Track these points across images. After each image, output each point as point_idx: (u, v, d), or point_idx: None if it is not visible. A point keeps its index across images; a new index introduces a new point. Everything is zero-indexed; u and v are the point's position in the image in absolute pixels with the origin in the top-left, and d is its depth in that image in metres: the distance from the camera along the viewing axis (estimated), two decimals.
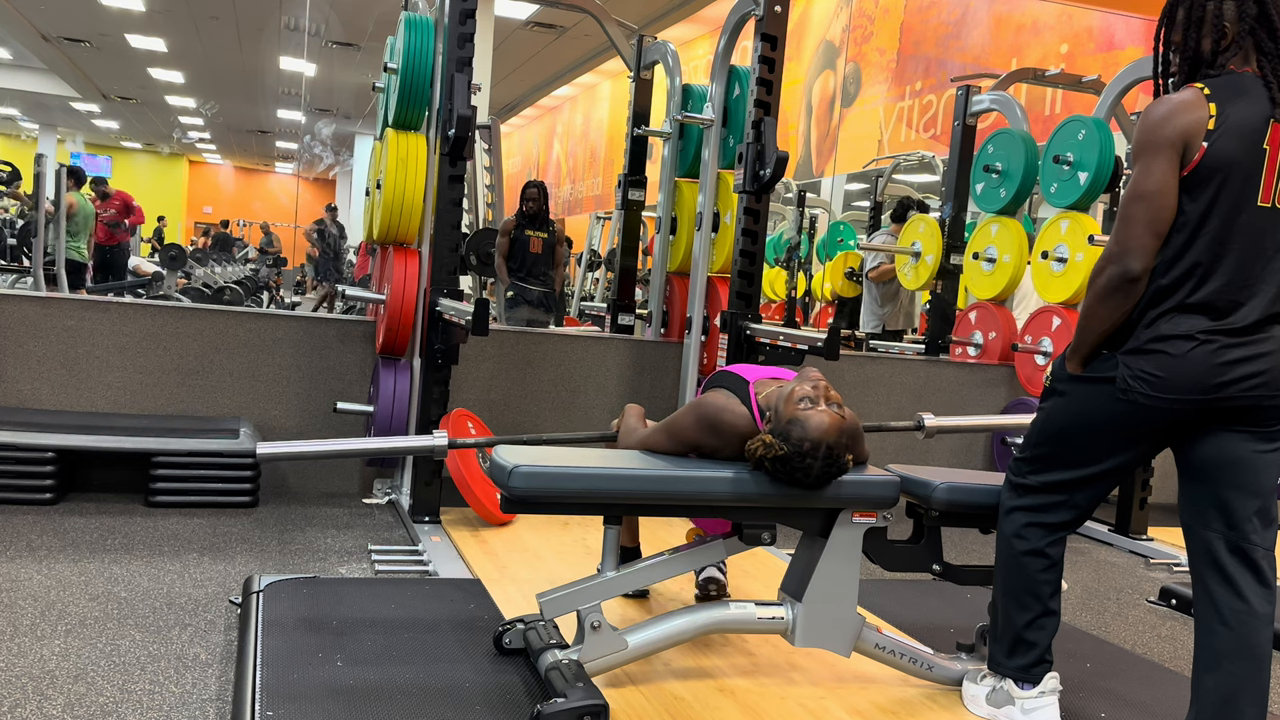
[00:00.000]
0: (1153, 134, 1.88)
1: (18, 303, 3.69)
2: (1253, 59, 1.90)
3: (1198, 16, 1.93)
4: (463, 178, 3.48)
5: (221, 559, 2.95)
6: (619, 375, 4.25)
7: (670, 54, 4.45)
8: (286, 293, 13.33)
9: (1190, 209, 1.88)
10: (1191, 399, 1.88)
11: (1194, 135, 1.86)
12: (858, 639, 2.17)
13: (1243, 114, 1.85)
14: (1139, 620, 3.20)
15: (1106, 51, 7.22)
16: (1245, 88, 1.88)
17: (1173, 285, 1.89)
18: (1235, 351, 1.87)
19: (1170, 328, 1.89)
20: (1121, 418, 1.94)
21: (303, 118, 17.37)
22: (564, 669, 1.98)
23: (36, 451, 3.28)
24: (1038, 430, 2.09)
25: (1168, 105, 1.89)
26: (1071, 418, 2.02)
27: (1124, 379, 1.91)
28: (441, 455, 2.36)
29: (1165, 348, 1.89)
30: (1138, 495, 4.14)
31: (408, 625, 2.35)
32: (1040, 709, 2.10)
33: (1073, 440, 2.02)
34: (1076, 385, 2.01)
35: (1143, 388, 1.90)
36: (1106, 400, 1.95)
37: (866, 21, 9.77)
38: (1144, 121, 1.92)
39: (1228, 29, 1.91)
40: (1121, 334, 1.94)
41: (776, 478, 2.05)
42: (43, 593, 2.55)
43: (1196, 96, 1.87)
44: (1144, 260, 1.89)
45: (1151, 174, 1.88)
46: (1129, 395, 1.91)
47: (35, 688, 2.01)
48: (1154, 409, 1.90)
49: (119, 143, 25.13)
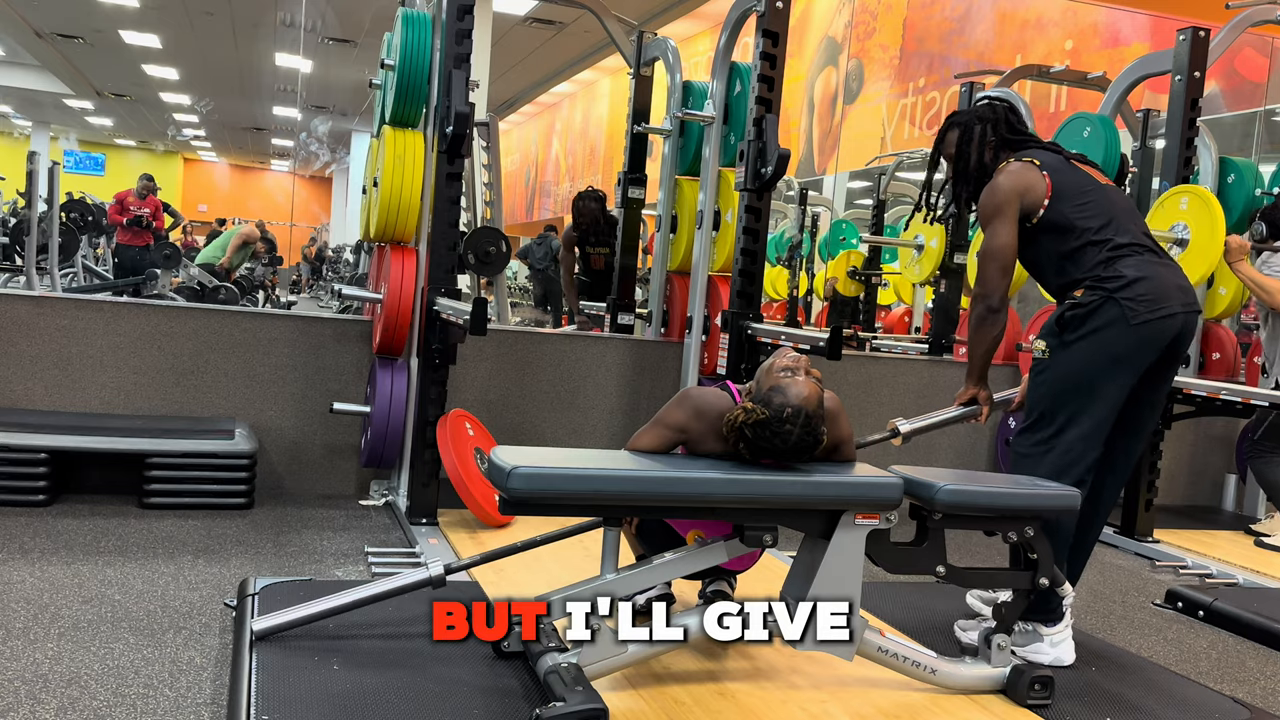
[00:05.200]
0: (998, 204, 2.53)
1: (10, 302, 3.65)
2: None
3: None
4: (460, 175, 3.46)
5: (216, 561, 2.93)
6: (619, 375, 4.23)
7: (670, 50, 4.43)
8: (282, 292, 13.29)
9: (1064, 211, 2.50)
10: (1178, 309, 2.41)
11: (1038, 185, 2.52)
12: (860, 642, 2.15)
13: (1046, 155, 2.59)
14: (1145, 623, 3.18)
15: (1112, 48, 7.20)
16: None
17: (1118, 240, 2.44)
18: (1175, 271, 2.49)
19: (1135, 266, 2.41)
20: (1135, 345, 2.39)
21: (299, 115, 17.33)
22: (563, 672, 1.96)
23: (29, 452, 3.25)
24: (1052, 392, 2.47)
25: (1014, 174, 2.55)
26: (1086, 363, 2.41)
27: (1130, 310, 2.37)
28: (440, 584, 2.34)
29: (1143, 273, 2.40)
30: (1143, 497, 4.12)
31: (404, 628, 2.33)
32: (1065, 641, 2.48)
33: (1089, 386, 2.42)
34: (1081, 340, 2.42)
35: (1147, 309, 2.37)
36: (1118, 332, 2.38)
37: (869, 18, 9.75)
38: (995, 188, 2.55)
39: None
40: (1094, 289, 2.42)
41: (755, 446, 2.11)
42: (35, 595, 2.52)
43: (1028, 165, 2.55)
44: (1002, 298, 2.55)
45: (998, 234, 2.53)
46: (1138, 318, 2.36)
47: (28, 692, 1.99)
48: (1161, 323, 2.39)
49: (113, 140, 25.05)
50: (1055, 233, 2.52)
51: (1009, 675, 2.24)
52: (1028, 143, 2.66)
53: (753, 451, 2.13)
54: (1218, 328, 5.04)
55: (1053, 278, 2.57)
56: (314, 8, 11.15)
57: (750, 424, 2.09)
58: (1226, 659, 2.88)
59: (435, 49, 3.53)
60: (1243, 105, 7.13)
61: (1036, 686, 2.21)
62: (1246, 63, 7.06)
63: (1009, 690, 2.24)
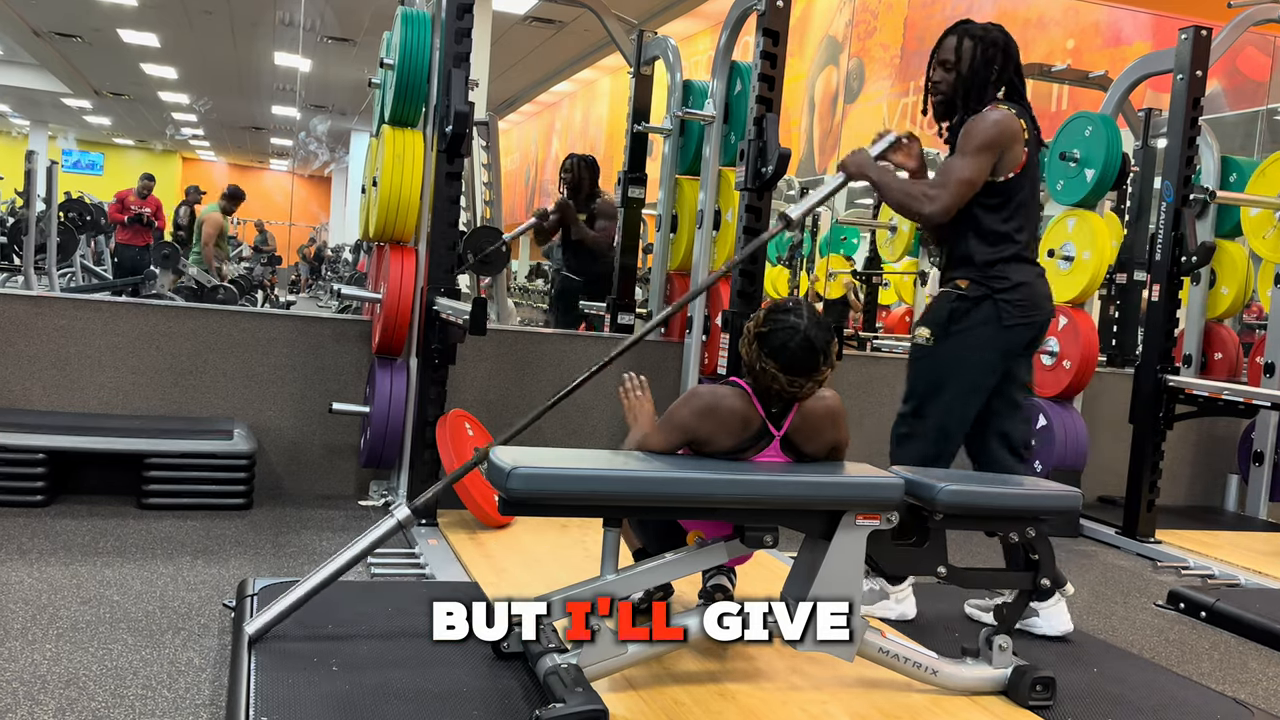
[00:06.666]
0: (994, 138, 2.59)
1: (8, 302, 3.65)
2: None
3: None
4: (460, 175, 3.45)
5: (215, 562, 2.92)
6: (619, 375, 4.20)
7: (671, 49, 4.42)
8: (281, 291, 13.28)
9: (1030, 195, 2.68)
10: (1044, 317, 2.69)
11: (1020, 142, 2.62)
12: (861, 643, 2.14)
13: (1032, 129, 2.67)
14: (1146, 624, 3.17)
15: (1114, 47, 7.20)
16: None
17: (1021, 243, 2.65)
18: (1045, 282, 2.72)
19: (1020, 273, 2.64)
20: (1004, 344, 2.64)
21: (298, 114, 17.31)
22: (563, 673, 1.95)
23: (27, 453, 3.24)
24: (930, 380, 2.68)
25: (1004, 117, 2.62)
26: (962, 356, 2.64)
27: (1006, 312, 2.61)
28: (410, 525, 2.35)
29: (1024, 279, 2.64)
30: (1145, 498, 4.11)
31: (404, 629, 2.32)
32: (908, 598, 2.70)
33: (963, 377, 2.65)
34: (963, 334, 2.63)
35: (1020, 314, 2.62)
36: (992, 331, 2.62)
37: (870, 16, 9.73)
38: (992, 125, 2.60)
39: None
40: (979, 282, 2.63)
41: (773, 347, 2.15)
42: (34, 596, 2.51)
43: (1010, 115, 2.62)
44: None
45: (978, 167, 2.60)
46: (1011, 320, 2.61)
47: (26, 693, 1.98)
48: (1027, 328, 2.65)
49: (111, 139, 25.02)
50: (994, 207, 2.64)
51: (1010, 676, 2.23)
52: (1022, 97, 2.71)
53: (775, 360, 2.14)
54: (1220, 328, 5.04)
55: (958, 243, 2.68)
56: (313, 7, 11.14)
57: (758, 326, 2.17)
58: (1229, 660, 2.88)
59: (435, 48, 3.52)
60: (1245, 104, 7.12)
61: (1038, 688, 2.20)
62: (1249, 62, 7.05)
63: (1010, 691, 2.23)
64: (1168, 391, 4.09)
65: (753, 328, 2.21)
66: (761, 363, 2.18)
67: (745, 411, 2.22)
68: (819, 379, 2.21)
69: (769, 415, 2.24)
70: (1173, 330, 4.16)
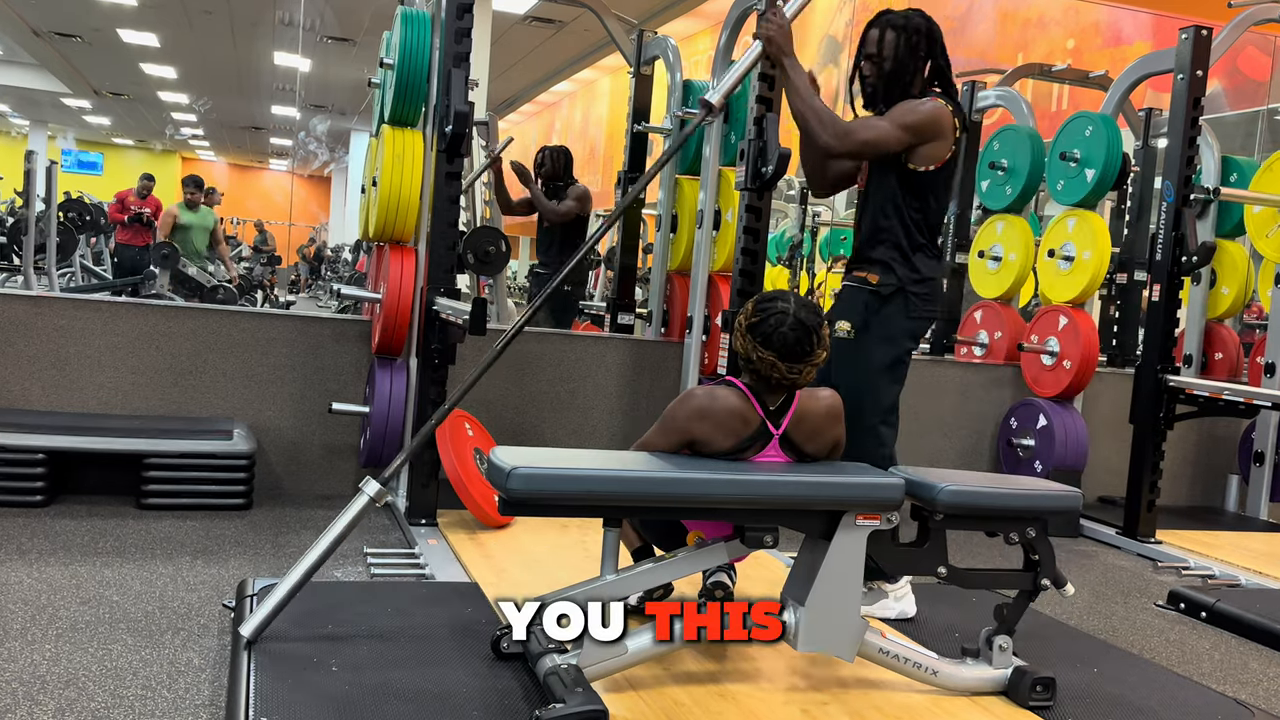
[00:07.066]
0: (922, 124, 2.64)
1: (8, 302, 3.64)
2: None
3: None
4: (460, 175, 3.45)
5: (215, 562, 2.91)
6: (619, 375, 4.22)
7: (671, 49, 4.41)
8: (281, 291, 13.28)
9: (943, 190, 2.77)
10: (939, 312, 2.95)
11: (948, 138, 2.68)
12: (861, 643, 2.14)
13: (961, 127, 2.74)
14: (1147, 624, 3.17)
15: (1114, 46, 7.20)
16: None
17: (929, 238, 2.75)
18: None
19: (928, 267, 2.73)
20: (910, 334, 2.76)
21: (297, 114, 17.30)
22: (563, 674, 1.95)
23: (26, 453, 3.24)
24: (860, 375, 2.74)
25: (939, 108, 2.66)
26: (882, 347, 2.73)
27: (913, 304, 2.71)
28: (382, 498, 2.35)
29: (932, 274, 2.74)
30: (1145, 498, 4.11)
31: (404, 629, 2.32)
32: (907, 595, 2.72)
33: (888, 368, 2.73)
34: (882, 324, 2.71)
35: (924, 306, 2.73)
36: (904, 322, 2.72)
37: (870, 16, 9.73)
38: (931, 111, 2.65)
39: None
40: (890, 275, 2.71)
41: (764, 336, 2.17)
42: (33, 596, 2.51)
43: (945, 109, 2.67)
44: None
45: (892, 139, 2.64)
46: (917, 313, 2.73)
47: (26, 693, 1.98)
48: (927, 321, 2.81)
49: (110, 139, 25.00)
50: (910, 197, 2.69)
51: (1010, 677, 2.23)
52: (951, 83, 2.75)
53: (770, 348, 2.17)
54: (1220, 327, 5.04)
55: (872, 232, 2.75)
56: (313, 6, 11.13)
57: (748, 318, 2.21)
58: (1229, 661, 2.87)
59: (435, 47, 3.51)
60: (1245, 104, 7.12)
61: (1038, 688, 2.20)
62: (1249, 61, 7.05)
63: (1010, 692, 2.23)
64: (1168, 391, 4.09)
65: (743, 320, 2.24)
66: (757, 352, 2.19)
67: (742, 410, 2.21)
68: (815, 362, 2.22)
69: (767, 414, 2.23)
70: (1173, 330, 4.16)
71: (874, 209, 2.75)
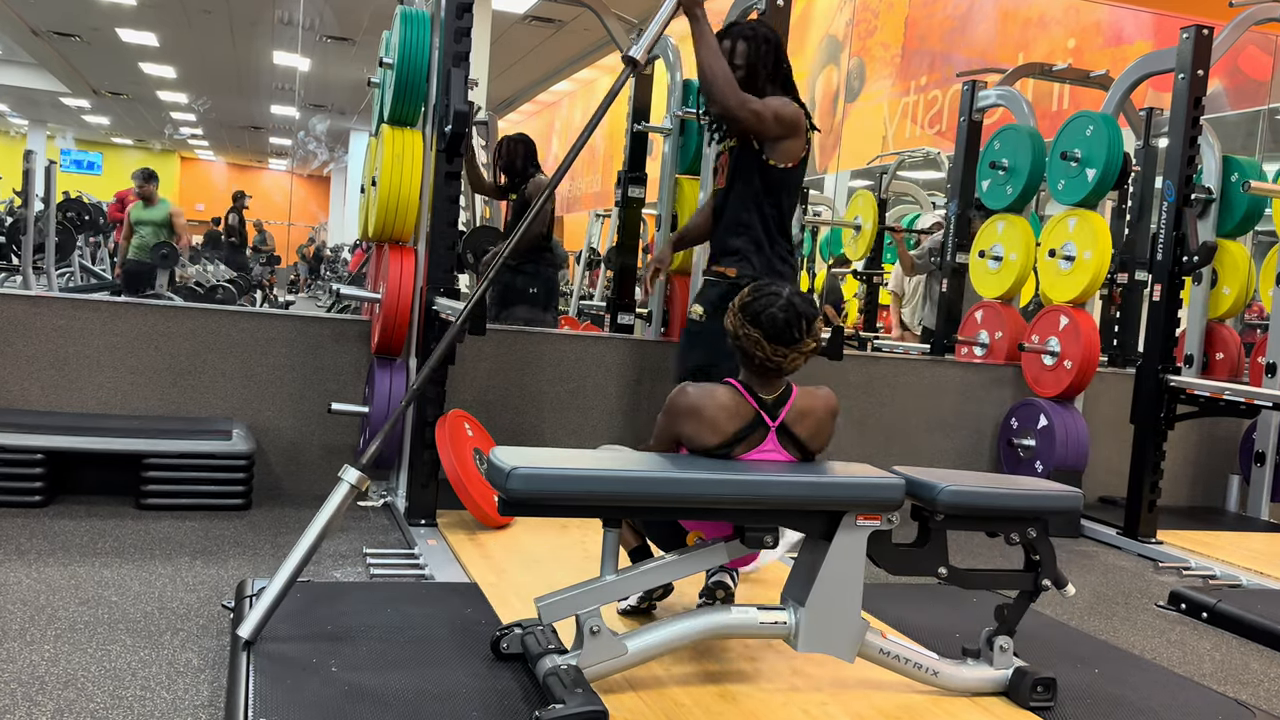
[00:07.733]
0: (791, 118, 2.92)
1: (6, 301, 3.63)
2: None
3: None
4: (459, 174, 3.44)
5: (214, 562, 2.91)
6: (618, 375, 4.21)
7: (671, 49, 4.41)
8: (280, 291, 13.27)
9: (795, 189, 3.04)
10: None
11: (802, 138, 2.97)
12: (861, 644, 2.14)
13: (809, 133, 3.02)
14: (1148, 625, 3.17)
15: (1115, 46, 7.19)
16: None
17: (784, 235, 3.00)
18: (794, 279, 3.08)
19: (781, 262, 2.98)
20: None
21: (297, 113, 17.30)
22: (563, 674, 1.95)
23: (25, 453, 3.23)
24: (705, 356, 2.94)
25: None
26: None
27: None
28: (363, 485, 2.35)
29: (782, 272, 2.96)
30: (1146, 498, 4.10)
31: (403, 630, 2.31)
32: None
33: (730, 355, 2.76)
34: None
35: None
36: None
37: (870, 16, 9.72)
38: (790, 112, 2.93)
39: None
40: (747, 266, 2.94)
41: (757, 319, 2.19)
42: (32, 597, 2.50)
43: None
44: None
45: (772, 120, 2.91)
46: None
47: (25, 694, 1.98)
48: None
49: (109, 139, 25.01)
50: (773, 192, 2.92)
51: (1011, 677, 2.23)
52: (795, 91, 3.00)
53: (758, 326, 2.18)
54: (1221, 327, 5.03)
55: (733, 225, 2.97)
56: (312, 6, 11.13)
57: (743, 299, 2.24)
58: (1230, 661, 2.87)
59: (434, 47, 3.51)
60: (1246, 104, 7.12)
61: (1039, 689, 2.20)
62: (1250, 61, 7.05)
63: (1011, 692, 2.22)
64: (1169, 391, 4.09)
65: (737, 302, 2.27)
66: (744, 329, 2.20)
67: (734, 403, 2.20)
68: (803, 350, 2.20)
69: (762, 406, 2.22)
70: (1174, 330, 4.16)
71: (734, 204, 3.00)
